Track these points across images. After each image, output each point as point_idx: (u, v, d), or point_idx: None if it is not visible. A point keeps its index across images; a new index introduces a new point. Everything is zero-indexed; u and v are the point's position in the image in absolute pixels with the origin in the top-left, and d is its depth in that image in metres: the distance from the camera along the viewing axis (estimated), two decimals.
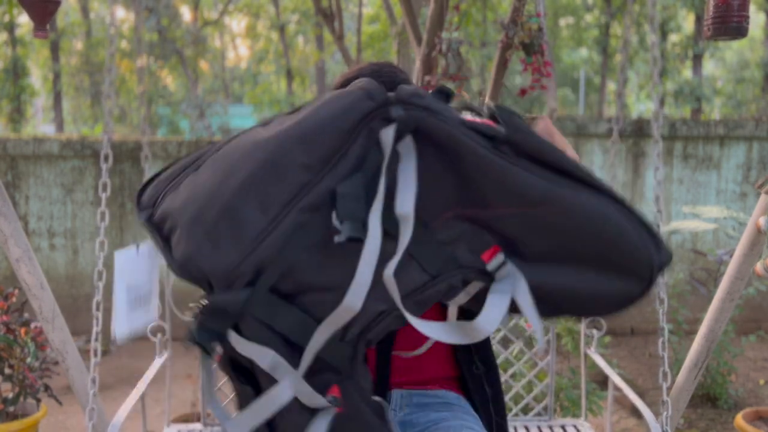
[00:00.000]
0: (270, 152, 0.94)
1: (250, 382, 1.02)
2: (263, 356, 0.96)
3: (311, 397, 0.98)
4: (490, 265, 1.00)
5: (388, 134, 0.93)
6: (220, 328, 0.97)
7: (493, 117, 1.02)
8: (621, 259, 1.03)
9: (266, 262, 0.94)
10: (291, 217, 0.93)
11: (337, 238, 0.93)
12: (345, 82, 1.48)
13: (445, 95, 0.99)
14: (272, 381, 0.98)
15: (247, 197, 0.93)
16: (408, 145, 0.95)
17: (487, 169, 0.95)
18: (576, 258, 1.01)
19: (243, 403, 1.03)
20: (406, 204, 0.93)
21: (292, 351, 0.98)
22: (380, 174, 0.94)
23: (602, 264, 1.02)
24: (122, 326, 1.13)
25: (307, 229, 0.94)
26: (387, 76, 1.46)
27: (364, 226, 0.92)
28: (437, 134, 0.94)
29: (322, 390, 0.99)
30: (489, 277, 1.02)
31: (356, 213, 0.93)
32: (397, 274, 0.96)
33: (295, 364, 0.97)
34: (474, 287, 1.05)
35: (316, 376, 0.99)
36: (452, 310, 1.21)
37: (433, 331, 1.00)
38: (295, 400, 0.99)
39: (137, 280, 1.13)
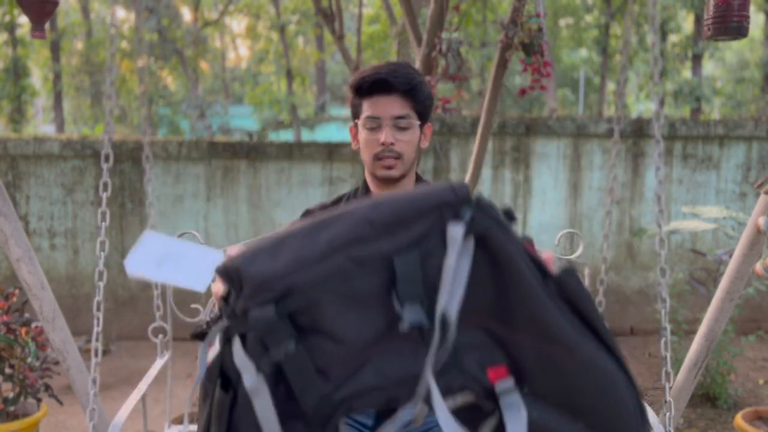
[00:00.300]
0: (346, 208, 1.00)
1: (228, 392, 1.02)
2: (251, 374, 0.98)
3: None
4: (497, 386, 1.01)
5: (457, 230, 0.96)
6: (233, 332, 1.00)
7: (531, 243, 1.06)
8: (611, 423, 1.04)
9: (297, 288, 0.96)
10: (338, 260, 0.96)
11: (401, 327, 0.96)
12: (361, 81, 1.49)
13: (511, 217, 1.03)
14: (248, 399, 0.99)
15: (309, 230, 0.98)
16: (468, 248, 0.97)
17: (529, 298, 0.98)
18: (572, 407, 1.03)
19: (213, 408, 1.03)
20: (453, 306, 0.96)
21: (276, 381, 0.99)
22: (435, 263, 0.97)
23: (593, 422, 1.04)
24: (139, 263, 1.11)
25: (346, 277, 0.97)
26: (403, 77, 1.47)
27: (420, 304, 0.96)
28: (498, 248, 0.98)
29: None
30: (485, 395, 1.03)
31: (416, 297, 0.96)
32: (404, 355, 0.99)
33: (275, 394, 0.99)
34: (464, 397, 1.05)
35: (288, 420, 0.99)
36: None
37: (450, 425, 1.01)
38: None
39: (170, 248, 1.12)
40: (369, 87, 1.50)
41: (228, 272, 0.99)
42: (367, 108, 1.52)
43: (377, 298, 0.98)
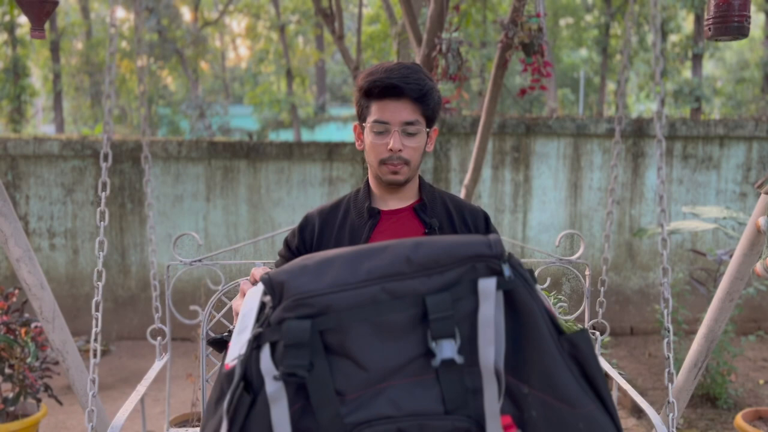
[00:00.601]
0: (393, 241, 1.09)
1: (249, 395, 1.06)
2: (274, 381, 1.02)
3: None
4: None
5: (490, 284, 1.04)
6: (265, 339, 1.04)
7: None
8: None
9: (333, 309, 1.03)
10: (374, 290, 1.04)
11: (433, 362, 1.03)
12: (372, 85, 1.46)
13: (533, 277, 1.11)
14: (266, 406, 1.03)
15: (352, 257, 1.06)
16: (500, 302, 1.05)
17: (544, 354, 1.05)
18: None
19: (230, 407, 1.05)
20: (499, 358, 1.04)
21: (296, 393, 1.03)
22: (463, 309, 1.05)
23: None
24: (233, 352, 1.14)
25: (379, 307, 1.04)
26: (415, 83, 1.45)
27: (454, 341, 1.03)
28: (522, 304, 1.05)
29: None
30: None
31: (449, 333, 1.03)
32: (418, 390, 1.05)
33: (291, 406, 1.03)
34: None
35: (299, 423, 1.04)
36: None
37: None
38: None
39: (246, 311, 1.14)
40: (379, 93, 1.47)
41: (272, 283, 1.06)
42: (375, 111, 1.48)
43: (405, 332, 1.05)
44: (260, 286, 1.10)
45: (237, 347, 1.10)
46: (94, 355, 1.56)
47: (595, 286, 2.13)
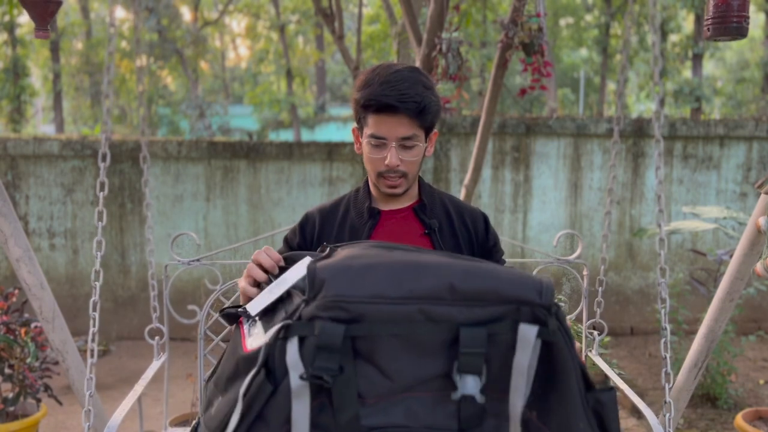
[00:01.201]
0: (443, 260, 1.09)
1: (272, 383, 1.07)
2: (298, 377, 1.03)
3: None
4: None
5: (531, 332, 1.04)
6: (295, 333, 1.05)
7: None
8: None
9: (366, 318, 1.04)
10: (411, 309, 1.04)
11: (453, 395, 1.06)
12: (368, 102, 1.43)
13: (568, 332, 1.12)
14: (287, 398, 1.05)
15: (397, 269, 1.07)
16: (536, 351, 1.05)
17: (569, 405, 1.06)
18: None
19: (249, 390, 1.06)
20: (518, 404, 1.06)
21: (319, 389, 1.05)
22: (498, 347, 1.06)
23: None
24: (255, 306, 1.19)
25: (413, 325, 1.05)
26: (412, 101, 1.41)
27: (479, 378, 1.05)
28: (560, 358, 1.06)
29: None
30: None
31: (476, 370, 1.05)
32: (435, 406, 1.07)
33: (311, 403, 1.05)
34: None
35: (318, 420, 1.06)
36: None
37: None
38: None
39: (287, 277, 1.19)
40: (375, 109, 1.43)
41: (315, 275, 1.06)
42: (372, 125, 1.45)
43: (434, 351, 1.06)
44: (307, 259, 1.13)
45: (259, 303, 1.16)
46: (92, 355, 1.56)
47: (594, 286, 2.13)
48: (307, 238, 1.56)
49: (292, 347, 1.04)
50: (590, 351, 2.13)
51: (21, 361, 2.98)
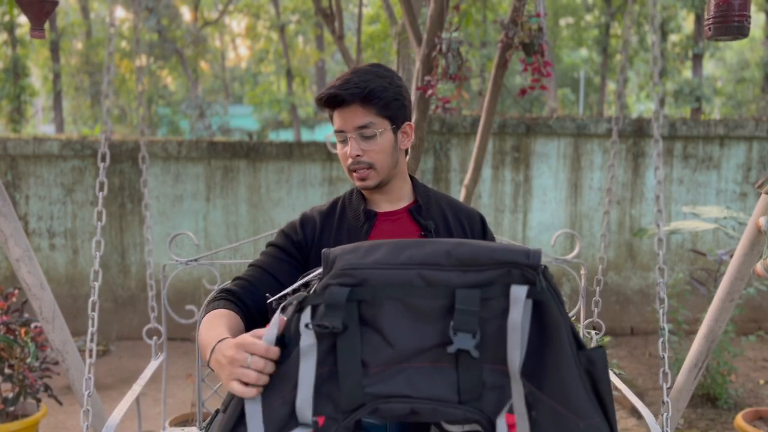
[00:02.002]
0: (437, 238, 1.19)
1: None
2: (307, 337, 1.10)
3: (303, 406, 1.10)
4: None
5: (521, 291, 1.10)
6: (309, 302, 1.12)
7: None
8: None
9: (369, 282, 1.12)
10: (411, 273, 1.12)
11: (449, 348, 1.09)
12: (319, 99, 1.47)
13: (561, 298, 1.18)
14: (297, 359, 1.11)
15: (396, 246, 1.14)
16: (528, 310, 1.11)
17: (562, 365, 1.10)
18: None
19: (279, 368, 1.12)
20: (516, 359, 1.09)
21: (327, 355, 1.11)
22: (491, 309, 1.11)
23: None
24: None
25: (413, 290, 1.12)
26: (354, 86, 1.43)
27: (472, 336, 1.09)
28: (550, 317, 1.11)
29: (315, 409, 1.11)
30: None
31: (470, 329, 1.09)
32: (437, 376, 1.11)
33: (319, 368, 1.11)
34: (471, 427, 1.17)
35: (321, 397, 1.11)
36: None
37: None
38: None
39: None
40: (326, 103, 1.47)
41: (327, 258, 1.15)
42: (335, 122, 1.49)
43: (433, 318, 1.11)
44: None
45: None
46: (90, 355, 1.56)
47: (592, 285, 2.13)
48: (307, 237, 1.55)
49: (306, 315, 1.10)
50: None
51: (21, 361, 2.97)
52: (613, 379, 1.90)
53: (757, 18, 13.56)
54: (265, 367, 1.08)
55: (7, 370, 2.98)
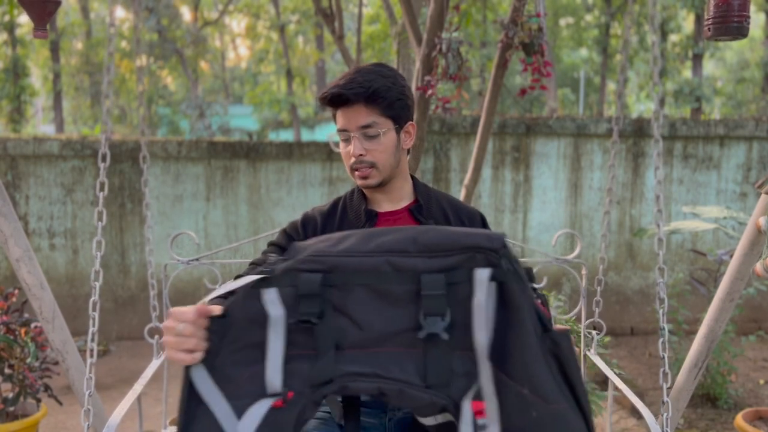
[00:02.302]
0: (404, 226, 1.22)
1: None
2: (277, 311, 1.13)
3: (273, 375, 1.12)
4: (479, 421, 1.12)
5: (484, 274, 1.12)
6: (270, 284, 1.15)
7: (545, 305, 1.22)
8: None
9: (339, 269, 1.15)
10: (380, 260, 1.15)
11: (419, 333, 1.12)
12: (323, 98, 1.48)
13: (531, 277, 1.20)
14: (261, 337, 1.14)
15: (365, 235, 1.17)
16: (492, 291, 1.13)
17: (525, 347, 1.11)
18: None
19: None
20: (483, 340, 1.11)
21: (296, 336, 1.14)
22: (457, 293, 1.13)
23: None
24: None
25: (381, 276, 1.14)
26: (359, 86, 1.44)
27: (441, 319, 1.12)
28: (512, 297, 1.12)
29: (284, 382, 1.13)
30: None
31: (438, 312, 1.12)
32: (403, 362, 1.13)
33: (290, 348, 1.14)
34: (443, 418, 1.18)
35: (291, 375, 1.13)
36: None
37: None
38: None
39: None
40: (330, 102, 1.47)
41: (293, 248, 1.19)
42: (338, 121, 1.50)
43: (402, 303, 1.14)
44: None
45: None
46: (91, 355, 1.56)
47: (593, 285, 2.13)
48: (309, 236, 1.54)
49: (271, 293, 1.14)
50: (589, 350, 2.12)
51: (21, 361, 2.98)
52: (614, 378, 1.90)
53: (756, 18, 13.55)
54: (195, 332, 1.12)
55: (7, 370, 2.98)
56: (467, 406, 1.11)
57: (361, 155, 1.48)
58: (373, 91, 1.44)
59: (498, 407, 1.11)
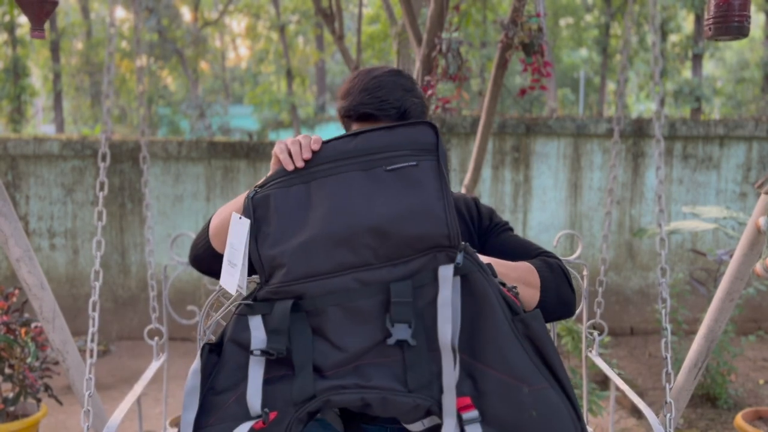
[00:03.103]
0: (353, 224, 1.16)
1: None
2: (259, 334, 1.19)
3: (253, 397, 1.17)
4: (464, 416, 1.14)
5: (448, 270, 1.15)
6: (253, 311, 1.21)
7: (516, 296, 1.26)
8: None
9: (308, 295, 1.18)
10: (346, 279, 1.17)
11: (389, 341, 1.15)
12: (348, 111, 1.44)
13: (492, 272, 1.23)
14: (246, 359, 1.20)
15: (327, 245, 1.16)
16: (457, 286, 1.16)
17: (499, 333, 1.15)
18: None
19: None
20: (446, 333, 1.13)
21: (277, 363, 1.19)
22: (426, 294, 1.17)
23: None
24: (227, 282, 1.28)
25: (351, 294, 1.17)
26: (392, 108, 1.41)
27: (408, 325, 1.15)
28: (479, 288, 1.16)
29: (267, 403, 1.18)
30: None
31: (405, 318, 1.15)
32: (384, 371, 1.16)
33: (270, 371, 1.20)
34: (431, 422, 1.21)
35: (273, 395, 1.18)
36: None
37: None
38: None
39: (235, 243, 1.25)
40: (356, 119, 1.43)
41: (261, 266, 1.21)
42: (355, 129, 1.46)
43: (374, 316, 1.17)
44: (246, 223, 1.22)
45: (229, 280, 1.27)
46: (91, 355, 1.56)
47: (594, 286, 2.13)
48: None
49: (255, 320, 1.19)
50: (590, 351, 2.13)
51: (21, 361, 2.97)
52: (615, 378, 1.90)
53: (757, 18, 13.55)
54: (305, 149, 1.21)
55: (7, 370, 2.98)
56: (449, 403, 1.12)
57: None
58: (404, 111, 1.42)
59: (478, 397, 1.14)
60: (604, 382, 3.78)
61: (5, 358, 2.96)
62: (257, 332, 1.18)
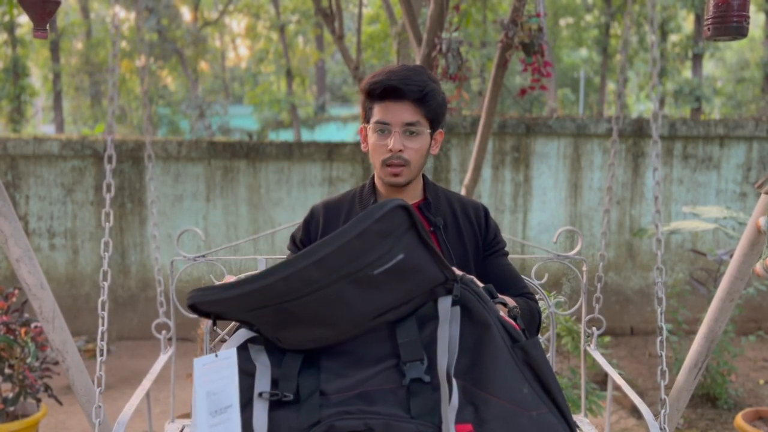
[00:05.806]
0: (355, 318, 1.21)
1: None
2: (264, 361, 1.25)
3: (259, 424, 1.20)
4: None
5: (447, 302, 1.19)
6: (261, 342, 1.28)
7: (515, 318, 1.28)
8: None
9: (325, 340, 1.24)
10: (364, 328, 1.23)
11: (404, 381, 1.17)
12: (373, 86, 1.48)
13: (492, 294, 1.27)
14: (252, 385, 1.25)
15: (339, 301, 1.17)
16: (456, 316, 1.19)
17: (499, 360, 1.17)
18: None
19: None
20: (443, 363, 1.16)
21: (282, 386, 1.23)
22: (431, 326, 1.20)
23: None
24: None
25: (356, 339, 1.24)
26: (416, 85, 1.46)
27: (420, 362, 1.18)
28: (477, 316, 1.19)
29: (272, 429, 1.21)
30: None
31: (416, 357, 1.18)
32: (387, 397, 1.18)
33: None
34: None
35: (279, 421, 1.20)
36: None
37: None
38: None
39: (217, 388, 1.21)
40: (381, 93, 1.48)
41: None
42: (377, 112, 1.50)
43: (379, 344, 1.21)
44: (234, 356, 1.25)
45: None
46: (101, 353, 1.58)
47: (593, 283, 2.14)
48: (311, 234, 1.61)
49: (258, 348, 1.26)
50: (589, 346, 2.13)
51: (21, 361, 2.98)
52: (615, 376, 1.90)
53: (756, 18, 13.55)
54: None
55: (7, 370, 2.98)
56: (451, 428, 1.14)
57: (400, 150, 1.49)
58: (426, 93, 1.47)
59: (480, 425, 1.15)
60: (604, 382, 3.78)
61: (5, 358, 2.97)
62: (260, 358, 1.24)
